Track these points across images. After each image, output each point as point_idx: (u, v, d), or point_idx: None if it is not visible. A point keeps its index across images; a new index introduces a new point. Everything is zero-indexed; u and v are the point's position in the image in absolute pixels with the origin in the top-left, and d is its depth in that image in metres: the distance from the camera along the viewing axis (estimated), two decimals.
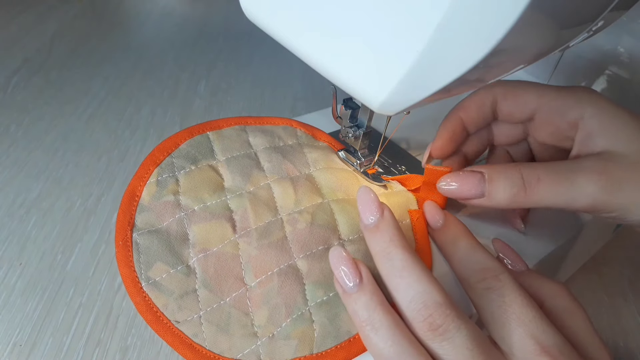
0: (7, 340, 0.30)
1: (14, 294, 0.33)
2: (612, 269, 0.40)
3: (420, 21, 0.16)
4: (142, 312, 0.23)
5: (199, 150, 0.28)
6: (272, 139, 0.30)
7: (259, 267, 0.24)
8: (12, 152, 0.47)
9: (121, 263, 0.24)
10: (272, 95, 0.62)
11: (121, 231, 0.25)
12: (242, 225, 0.25)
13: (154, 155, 0.27)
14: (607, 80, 0.40)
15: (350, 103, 0.29)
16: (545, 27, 0.17)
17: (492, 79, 0.23)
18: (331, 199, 0.27)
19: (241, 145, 0.29)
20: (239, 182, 0.27)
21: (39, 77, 0.62)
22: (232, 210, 0.26)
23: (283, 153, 0.29)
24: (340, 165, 0.30)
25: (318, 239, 0.25)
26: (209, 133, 0.29)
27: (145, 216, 0.25)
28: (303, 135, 0.31)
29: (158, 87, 0.62)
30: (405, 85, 0.19)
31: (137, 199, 0.26)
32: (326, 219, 0.26)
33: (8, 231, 0.38)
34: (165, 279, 0.24)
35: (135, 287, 0.23)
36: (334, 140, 0.32)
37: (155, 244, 0.24)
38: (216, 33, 0.79)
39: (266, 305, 0.23)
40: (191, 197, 0.26)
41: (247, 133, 0.30)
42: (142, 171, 0.27)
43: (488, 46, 0.15)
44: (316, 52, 0.22)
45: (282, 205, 0.26)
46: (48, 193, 0.43)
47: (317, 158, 0.29)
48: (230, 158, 0.28)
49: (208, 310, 0.23)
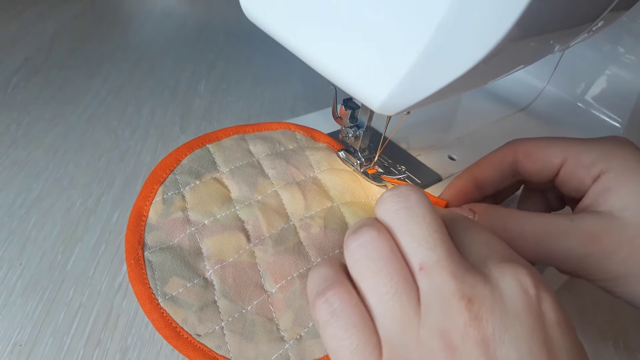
0: (7, 340, 0.30)
1: (14, 294, 0.33)
2: None
3: (420, 21, 0.16)
4: (160, 328, 0.22)
5: (201, 164, 0.28)
6: (272, 145, 0.30)
7: (277, 273, 0.24)
8: (12, 152, 0.47)
9: (135, 281, 0.23)
10: (272, 95, 0.62)
11: (132, 251, 0.24)
12: (255, 234, 0.25)
13: (157, 174, 0.27)
14: (607, 80, 0.40)
15: (350, 103, 0.29)
16: (546, 27, 0.17)
17: (493, 79, 0.23)
18: (340, 202, 0.28)
19: (243, 155, 0.29)
20: (245, 192, 0.27)
21: (39, 77, 0.62)
22: (243, 220, 0.26)
23: (286, 158, 0.29)
24: (342, 166, 0.30)
25: (333, 243, 0.26)
26: (209, 146, 0.29)
27: (155, 235, 0.25)
28: (303, 138, 0.31)
29: (158, 87, 0.62)
30: (406, 86, 0.19)
31: (144, 219, 0.25)
32: (338, 223, 0.26)
33: (8, 231, 0.38)
34: (182, 293, 0.23)
35: (152, 303, 0.23)
36: (333, 140, 0.32)
37: (169, 260, 0.24)
38: (216, 33, 0.79)
39: (290, 308, 0.23)
40: (200, 212, 0.26)
41: (247, 142, 0.30)
42: (146, 191, 0.26)
43: (488, 46, 0.15)
44: (316, 52, 0.22)
45: (293, 211, 0.27)
46: (48, 193, 0.43)
47: (319, 159, 0.29)
48: (234, 169, 0.28)
49: (230, 320, 0.23)
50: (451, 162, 0.35)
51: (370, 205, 0.28)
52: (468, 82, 0.19)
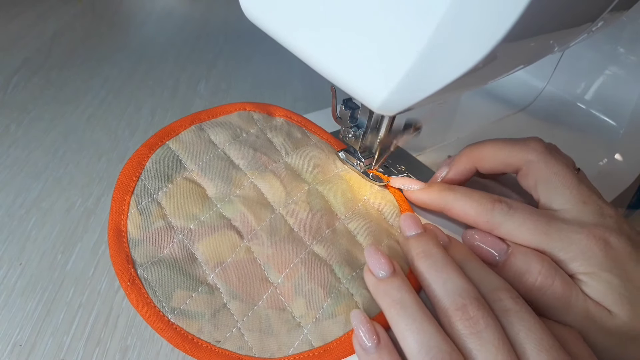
0: (7, 340, 0.30)
1: (14, 293, 0.33)
2: None
3: (420, 21, 0.16)
4: (178, 344, 0.22)
5: (166, 164, 0.27)
6: (233, 132, 0.29)
7: (279, 263, 0.24)
8: (12, 152, 0.47)
9: (138, 303, 0.22)
10: (272, 95, 0.62)
11: (123, 272, 0.23)
12: (246, 229, 0.25)
13: (123, 184, 0.25)
14: (607, 80, 0.40)
15: (350, 103, 0.29)
16: (545, 27, 0.17)
17: (492, 79, 0.23)
18: (315, 182, 0.28)
19: (206, 148, 0.28)
20: (222, 187, 0.26)
21: (39, 77, 0.62)
22: (228, 218, 0.25)
23: (252, 145, 0.28)
24: (305, 140, 0.30)
25: (322, 223, 0.26)
26: (169, 143, 0.28)
27: (142, 249, 0.24)
28: (260, 117, 0.30)
29: (158, 87, 0.62)
30: (406, 85, 0.19)
31: (124, 234, 0.24)
32: (321, 203, 0.27)
33: (8, 231, 0.38)
34: (190, 305, 0.23)
35: (163, 322, 0.22)
36: (333, 139, 0.32)
37: (166, 274, 0.23)
38: (216, 33, 0.79)
39: (300, 294, 0.23)
40: (182, 216, 0.25)
41: (206, 131, 0.29)
42: (117, 204, 0.25)
43: (488, 46, 0.15)
44: (316, 52, 0.22)
45: (275, 200, 0.26)
46: (48, 193, 0.43)
47: (283, 142, 0.29)
48: (202, 164, 0.27)
49: (245, 320, 0.23)
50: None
51: (340, 176, 0.29)
52: (468, 82, 0.19)
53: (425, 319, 0.20)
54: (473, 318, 0.19)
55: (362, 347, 0.21)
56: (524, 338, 0.19)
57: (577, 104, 0.41)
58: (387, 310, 0.21)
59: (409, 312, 0.20)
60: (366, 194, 0.28)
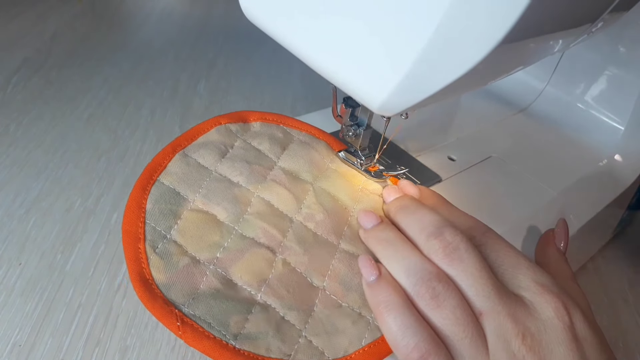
0: (7, 340, 0.30)
1: (14, 293, 0.33)
2: (612, 269, 0.40)
3: (420, 22, 0.16)
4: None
5: (167, 201, 0.26)
6: (218, 150, 0.28)
7: (319, 267, 0.24)
8: (12, 152, 0.47)
9: (196, 340, 0.21)
10: (272, 95, 0.62)
11: (168, 316, 0.22)
12: (273, 243, 0.25)
13: (130, 232, 0.24)
14: (607, 80, 0.40)
15: (350, 102, 0.29)
16: (545, 28, 0.17)
17: (493, 80, 0.23)
18: (314, 181, 0.28)
19: (199, 173, 0.27)
20: (231, 209, 0.26)
21: (39, 77, 0.62)
22: (251, 237, 0.25)
23: (243, 159, 0.28)
24: (287, 138, 0.31)
25: (339, 221, 0.26)
26: (160, 178, 0.27)
27: (177, 290, 0.23)
28: (238, 128, 0.30)
29: (158, 87, 0.62)
30: (405, 87, 0.19)
31: (151, 282, 0.23)
32: (330, 201, 0.27)
33: (8, 231, 0.38)
34: (249, 327, 0.22)
35: (229, 350, 0.21)
36: (334, 139, 0.32)
37: (213, 304, 0.22)
38: (216, 33, 0.79)
39: (350, 289, 0.24)
40: (205, 249, 0.24)
41: (191, 157, 0.28)
42: (131, 254, 0.24)
43: (488, 47, 0.15)
44: (316, 52, 0.22)
45: (287, 208, 0.27)
46: (48, 193, 0.43)
47: (270, 147, 0.29)
48: (203, 191, 0.26)
49: (307, 327, 0.23)
50: (451, 162, 0.35)
51: (334, 170, 0.29)
52: (468, 83, 0.19)
53: (408, 247, 0.23)
54: (452, 244, 0.22)
55: (367, 283, 0.23)
56: (501, 260, 0.22)
57: (577, 104, 0.41)
58: (376, 250, 0.24)
59: (393, 245, 0.23)
60: (360, 183, 0.29)
